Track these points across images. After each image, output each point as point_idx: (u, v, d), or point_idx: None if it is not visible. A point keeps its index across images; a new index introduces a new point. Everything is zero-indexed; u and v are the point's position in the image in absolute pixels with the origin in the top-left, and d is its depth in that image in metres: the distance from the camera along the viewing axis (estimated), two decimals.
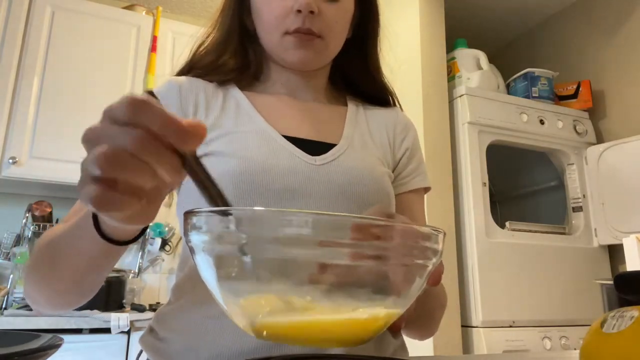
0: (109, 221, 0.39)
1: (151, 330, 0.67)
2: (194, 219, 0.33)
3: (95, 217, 0.43)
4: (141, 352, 0.69)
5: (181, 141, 0.32)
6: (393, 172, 0.76)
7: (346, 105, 0.80)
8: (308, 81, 0.76)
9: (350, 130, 0.74)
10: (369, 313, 0.33)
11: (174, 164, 0.33)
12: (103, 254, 0.48)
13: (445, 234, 0.35)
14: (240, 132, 0.67)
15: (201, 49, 0.75)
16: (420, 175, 0.78)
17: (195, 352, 0.60)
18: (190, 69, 0.75)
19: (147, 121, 0.31)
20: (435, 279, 0.38)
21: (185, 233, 0.34)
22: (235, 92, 0.73)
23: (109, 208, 0.32)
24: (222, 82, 0.73)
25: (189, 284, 0.66)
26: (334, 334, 0.33)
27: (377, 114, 0.80)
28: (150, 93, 0.34)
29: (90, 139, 0.33)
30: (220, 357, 0.59)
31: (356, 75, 0.81)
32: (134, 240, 0.45)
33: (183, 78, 0.72)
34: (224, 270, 0.33)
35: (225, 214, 0.31)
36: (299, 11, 0.65)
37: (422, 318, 0.67)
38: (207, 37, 0.75)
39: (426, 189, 0.80)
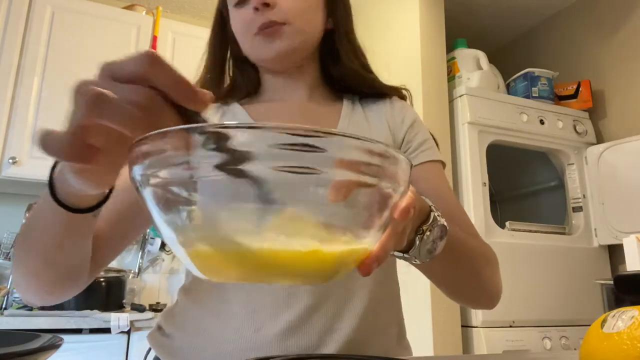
0: (70, 181, 0.37)
1: (159, 327, 0.71)
2: (145, 147, 0.28)
3: (51, 182, 0.41)
4: (149, 350, 0.72)
5: (190, 101, 0.31)
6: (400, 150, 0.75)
7: (342, 103, 0.79)
8: (296, 80, 0.76)
9: (345, 125, 0.74)
10: (324, 244, 0.29)
11: (176, 121, 0.32)
12: (64, 227, 0.45)
13: (410, 163, 0.31)
14: None
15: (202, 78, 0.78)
16: (427, 150, 0.75)
17: (198, 349, 0.63)
18: None
19: (158, 77, 0.29)
20: (402, 212, 0.34)
21: (132, 168, 0.30)
22: (234, 107, 0.76)
23: (84, 158, 0.31)
24: (224, 101, 0.76)
25: (194, 283, 0.70)
26: (297, 263, 0.29)
27: (374, 107, 0.79)
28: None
29: (85, 91, 0.29)
30: (223, 355, 0.61)
31: (337, 68, 0.78)
32: (90, 210, 0.43)
33: None
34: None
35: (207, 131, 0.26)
36: (256, 9, 0.67)
37: (465, 278, 0.67)
38: (203, 65, 0.79)
39: (437, 162, 0.76)
